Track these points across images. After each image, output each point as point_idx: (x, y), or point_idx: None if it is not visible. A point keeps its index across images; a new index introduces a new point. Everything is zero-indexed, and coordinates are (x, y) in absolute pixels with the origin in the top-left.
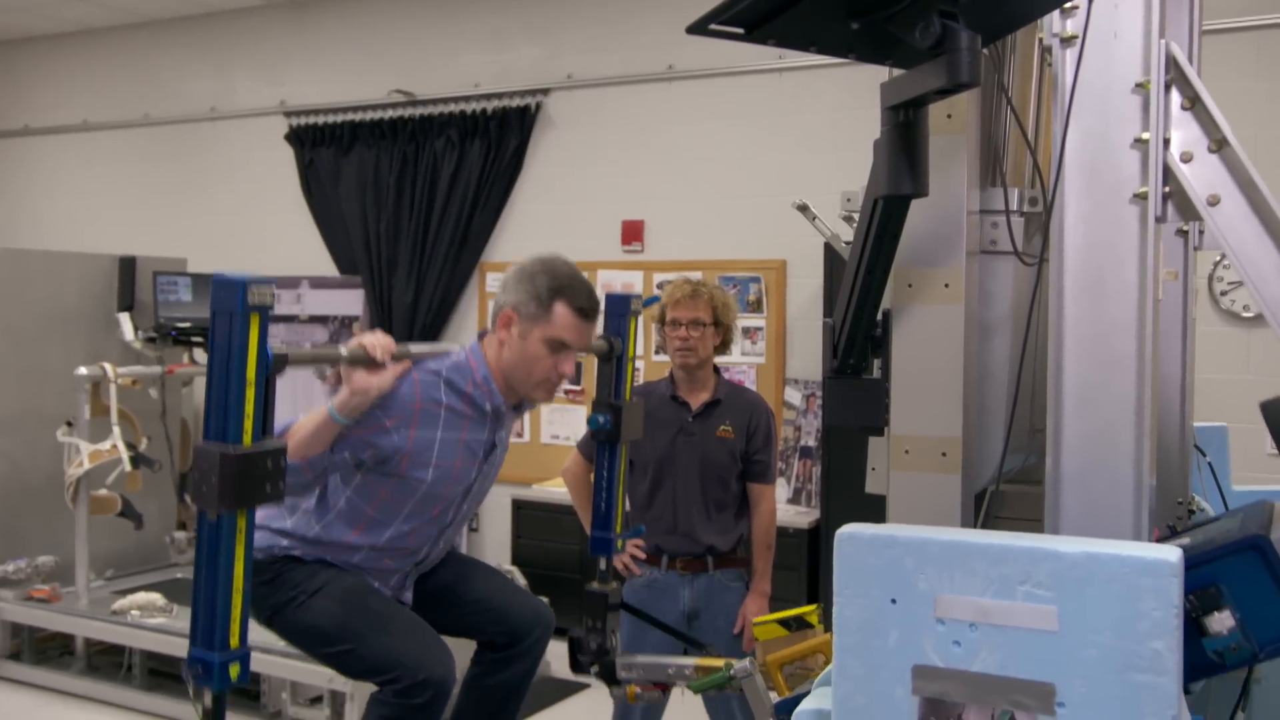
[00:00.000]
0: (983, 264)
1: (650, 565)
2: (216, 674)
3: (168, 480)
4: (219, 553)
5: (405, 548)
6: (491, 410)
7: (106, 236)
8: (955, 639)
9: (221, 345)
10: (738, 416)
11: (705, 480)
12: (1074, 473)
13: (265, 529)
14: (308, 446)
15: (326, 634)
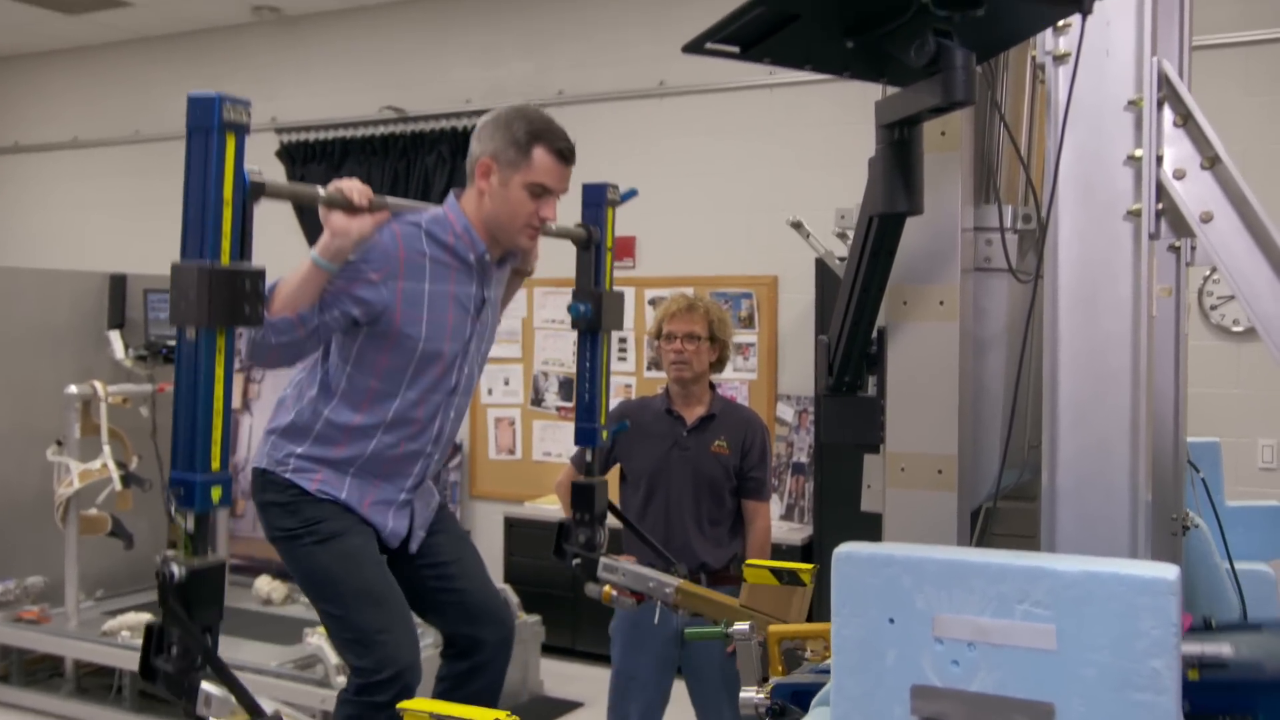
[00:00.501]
0: (977, 281)
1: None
2: (198, 494)
3: (158, 499)
4: (198, 372)
5: (414, 421)
6: (476, 262)
7: (97, 253)
8: (954, 658)
9: (197, 163)
10: (732, 432)
11: (699, 495)
12: (1070, 488)
13: (276, 433)
14: (296, 298)
15: (319, 587)
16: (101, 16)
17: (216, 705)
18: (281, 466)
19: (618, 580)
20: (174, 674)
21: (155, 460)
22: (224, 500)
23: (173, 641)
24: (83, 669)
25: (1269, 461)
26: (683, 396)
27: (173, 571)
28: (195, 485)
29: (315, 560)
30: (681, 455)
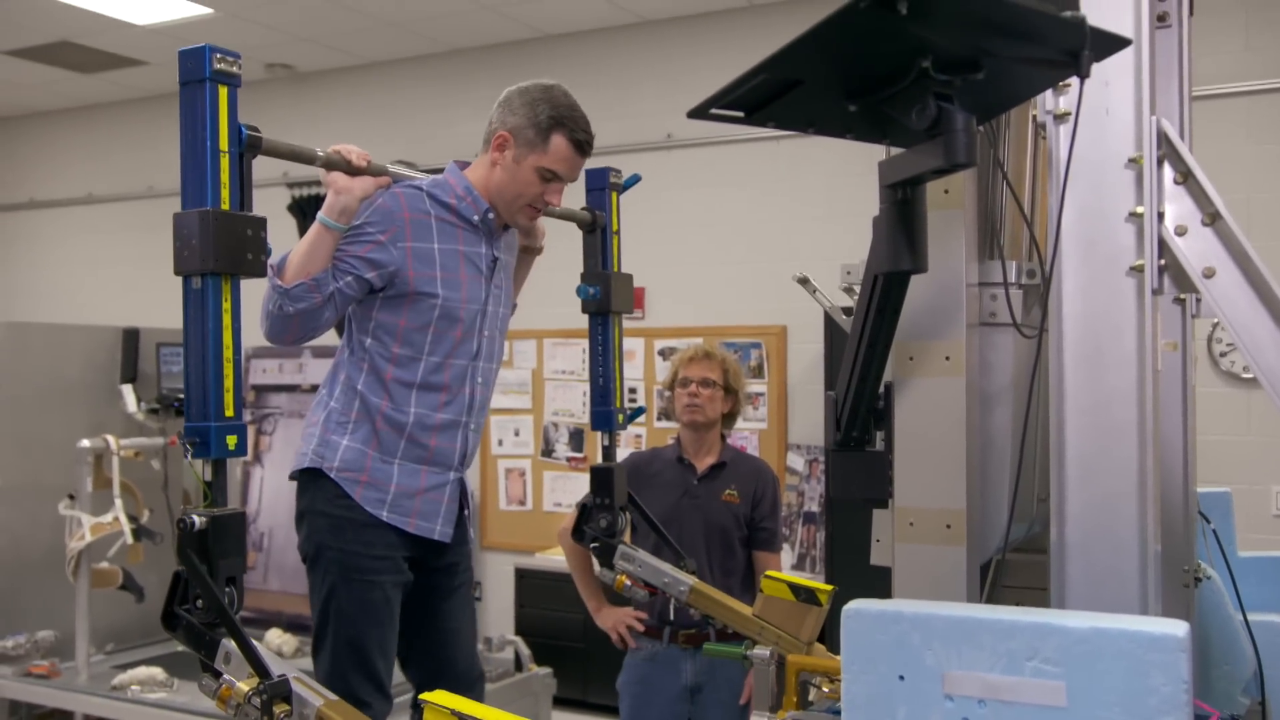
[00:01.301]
0: (982, 336)
1: (651, 639)
2: (214, 441)
3: (169, 552)
4: (206, 321)
5: (443, 386)
6: (481, 222)
7: (110, 308)
8: (964, 715)
9: (190, 115)
10: (743, 482)
11: (710, 544)
12: (1078, 542)
13: (317, 426)
14: (308, 262)
15: (324, 623)
16: (115, 75)
17: (236, 663)
18: (327, 464)
19: (633, 570)
20: (196, 627)
21: (167, 513)
22: (239, 448)
23: (198, 594)
24: None
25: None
26: (694, 444)
27: (192, 520)
28: (210, 431)
29: (336, 595)
30: (692, 503)
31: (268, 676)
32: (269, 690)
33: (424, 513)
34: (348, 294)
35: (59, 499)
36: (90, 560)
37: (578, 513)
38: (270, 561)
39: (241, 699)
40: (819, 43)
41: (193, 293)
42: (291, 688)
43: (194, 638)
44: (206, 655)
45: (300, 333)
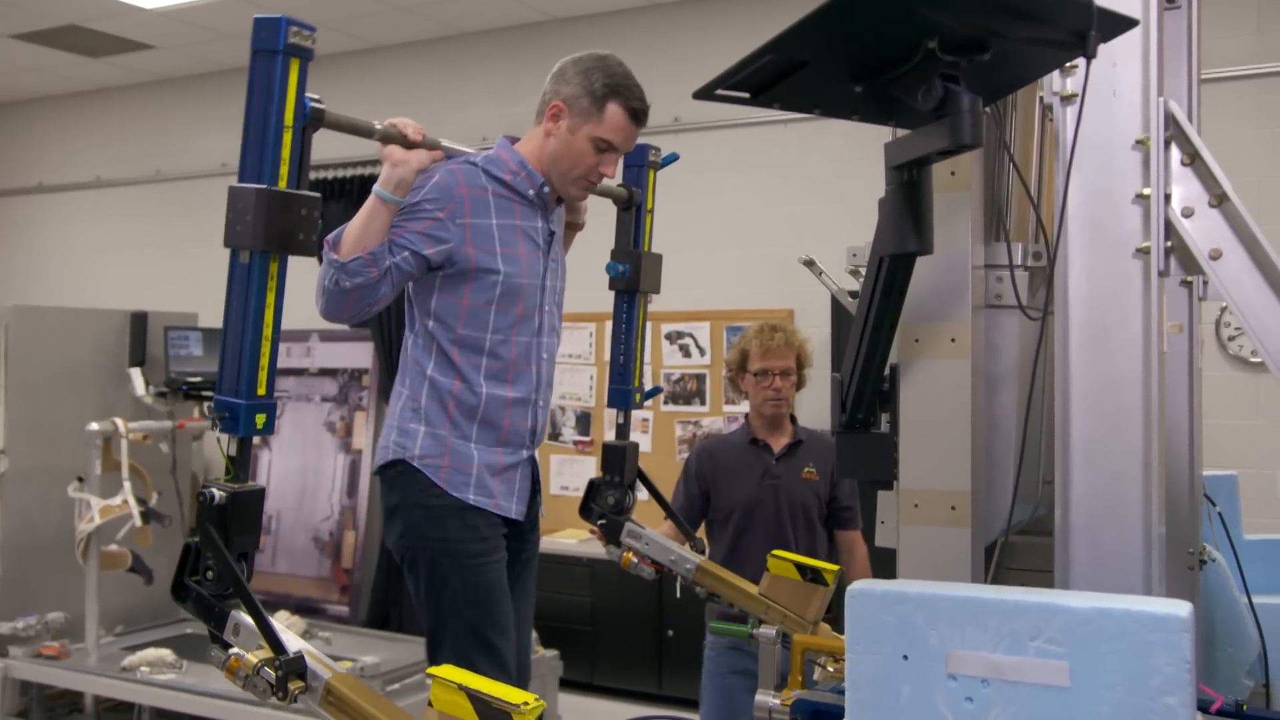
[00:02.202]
0: (988, 318)
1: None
2: (243, 419)
3: (178, 535)
4: (249, 298)
5: (508, 361)
6: (536, 196)
7: (118, 292)
8: (968, 695)
9: (261, 85)
10: (821, 459)
11: (795, 525)
12: (1083, 525)
13: (396, 417)
14: (364, 236)
15: (441, 615)
16: (123, 59)
17: (245, 635)
18: (409, 453)
19: (640, 548)
20: (206, 598)
21: (175, 496)
22: (267, 426)
23: (208, 565)
24: (102, 704)
25: None
26: (766, 427)
27: (212, 494)
28: (240, 409)
29: (449, 586)
30: (773, 485)
31: (283, 652)
32: (285, 667)
33: (504, 492)
34: (405, 269)
35: (69, 482)
36: (99, 543)
37: (585, 489)
38: (278, 544)
39: (251, 670)
40: (825, 24)
41: (239, 267)
42: (306, 663)
43: (203, 609)
44: (216, 626)
45: (356, 308)
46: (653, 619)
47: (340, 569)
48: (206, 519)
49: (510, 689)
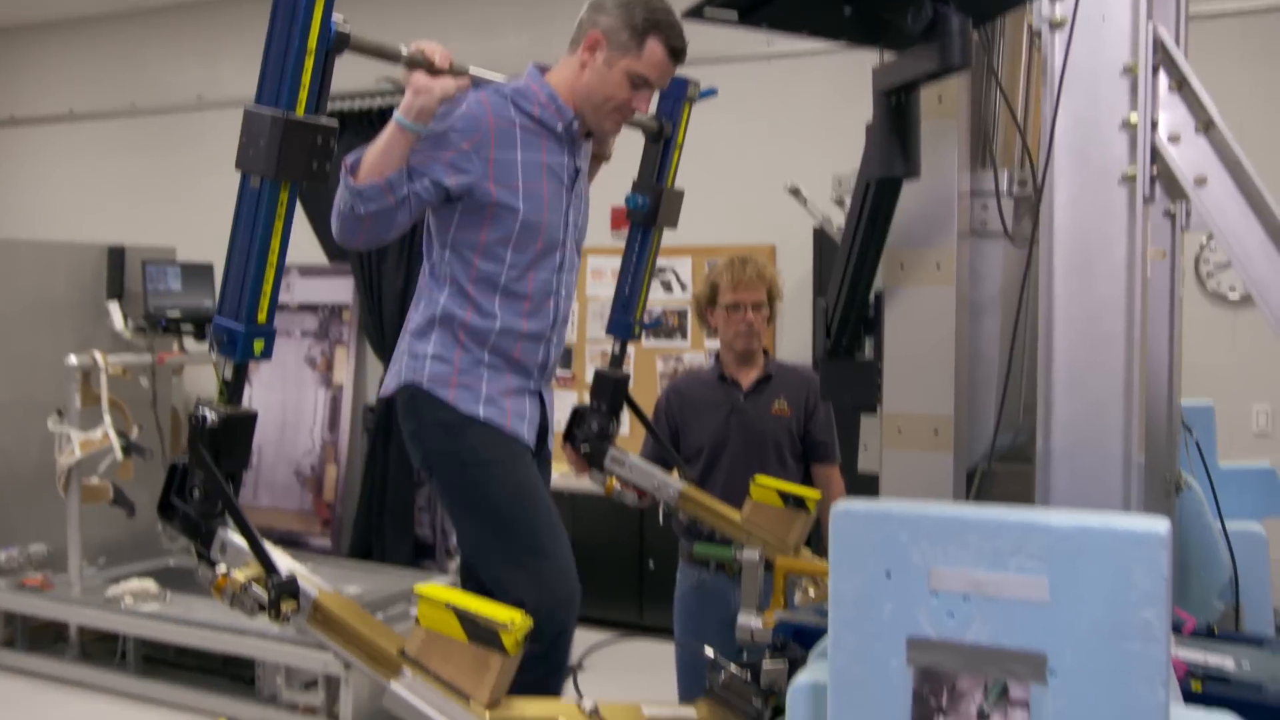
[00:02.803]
0: (973, 246)
1: (698, 567)
2: (241, 345)
3: (159, 469)
4: (257, 223)
5: (525, 296)
6: (564, 130)
7: (94, 226)
8: (949, 610)
9: (285, 5)
10: (792, 393)
11: (763, 462)
12: (1064, 450)
13: (406, 341)
14: (382, 162)
15: (481, 520)
16: None
17: (231, 553)
18: (418, 376)
19: (624, 474)
20: (193, 517)
21: (156, 430)
22: (265, 353)
23: (195, 485)
24: (87, 635)
25: (1263, 427)
26: (737, 362)
27: (205, 416)
28: (239, 335)
29: (484, 491)
30: (740, 421)
31: (275, 573)
32: (278, 588)
33: (515, 412)
34: (424, 198)
35: (47, 415)
36: (81, 476)
37: (570, 416)
38: (260, 478)
39: (238, 588)
40: None
41: (249, 191)
42: (299, 585)
43: (190, 527)
44: (202, 545)
45: (372, 235)
46: (633, 551)
47: (322, 503)
48: (198, 440)
49: (499, 606)
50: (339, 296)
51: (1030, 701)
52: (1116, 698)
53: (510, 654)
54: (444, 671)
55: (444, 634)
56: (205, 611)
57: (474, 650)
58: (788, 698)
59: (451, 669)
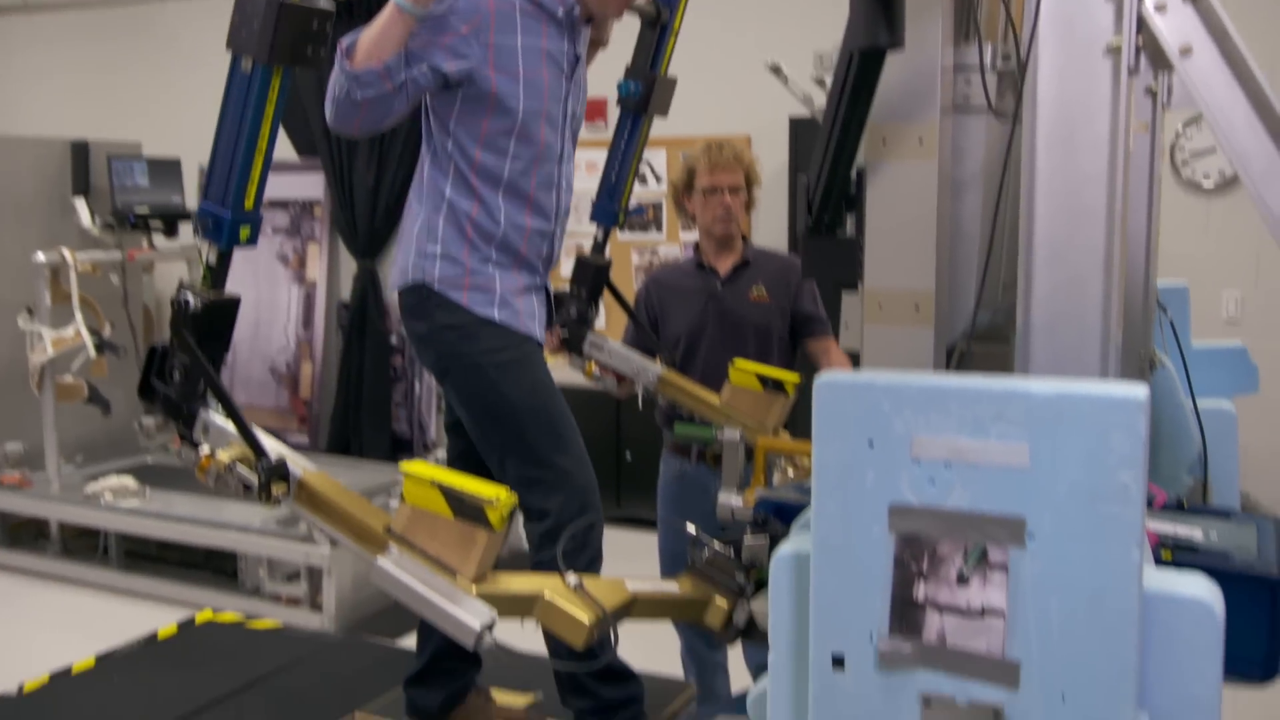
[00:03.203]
0: (956, 121)
1: (679, 457)
2: (226, 231)
3: (133, 367)
4: (247, 107)
5: (527, 192)
6: (565, 16)
7: (56, 120)
8: (930, 477)
9: None
10: (772, 279)
11: (742, 349)
12: (1043, 324)
13: (411, 237)
14: (379, 46)
15: (501, 421)
16: None
17: (214, 434)
18: (429, 276)
19: (603, 359)
20: (174, 398)
21: (128, 328)
22: (251, 240)
23: (175, 367)
24: (68, 531)
25: (1233, 314)
26: (715, 250)
27: (188, 300)
28: (225, 222)
29: (500, 391)
30: (718, 308)
31: (264, 456)
32: (268, 471)
33: (526, 311)
34: (421, 84)
35: (16, 313)
36: (55, 374)
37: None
38: (235, 376)
39: (222, 468)
40: None
41: (239, 74)
42: (289, 468)
43: (171, 409)
44: (184, 426)
45: (367, 122)
46: (610, 442)
47: (298, 400)
48: (182, 324)
49: (482, 483)
50: (310, 192)
51: (1009, 564)
52: (1093, 559)
53: (496, 530)
54: (430, 547)
55: (430, 511)
56: (186, 507)
57: (460, 526)
58: (770, 568)
59: (438, 545)
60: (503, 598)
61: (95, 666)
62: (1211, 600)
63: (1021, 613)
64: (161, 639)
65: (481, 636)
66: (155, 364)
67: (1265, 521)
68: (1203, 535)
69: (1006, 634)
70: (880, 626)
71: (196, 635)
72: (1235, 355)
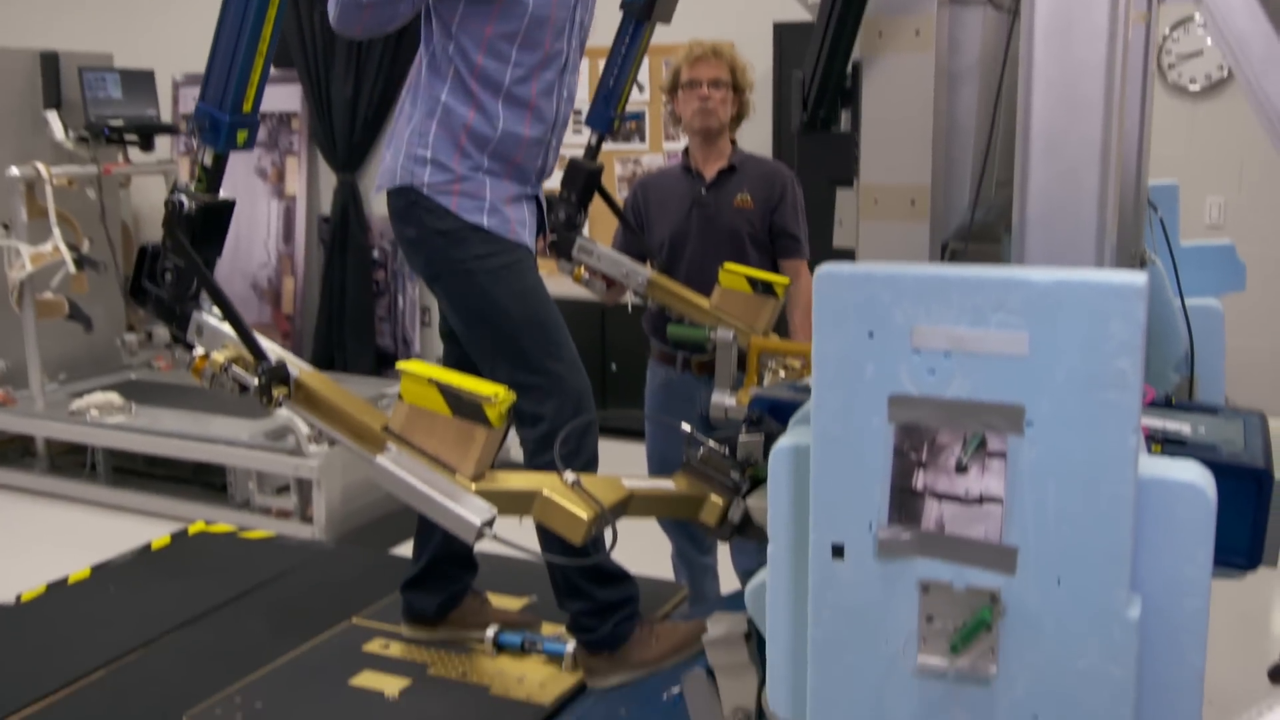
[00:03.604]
0: (952, 14)
1: (665, 365)
2: (224, 134)
3: (114, 283)
4: (248, 9)
5: (528, 101)
6: None
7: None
8: (930, 368)
9: None
10: (757, 185)
11: (723, 255)
12: (1039, 217)
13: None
14: None
15: (494, 326)
16: None
17: (208, 335)
18: (418, 180)
19: (592, 262)
20: (166, 300)
21: (107, 244)
22: (248, 144)
23: (167, 268)
24: (55, 448)
25: (1216, 219)
26: (703, 152)
27: (182, 202)
28: (223, 125)
29: (490, 297)
30: (701, 213)
31: (265, 359)
32: (268, 374)
33: (517, 218)
34: None
35: None
36: (34, 290)
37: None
38: None
39: (218, 368)
40: None
41: None
42: (289, 370)
43: (164, 310)
44: (178, 328)
45: (371, 25)
46: (596, 353)
47: (281, 315)
48: (176, 225)
49: (480, 381)
50: (287, 104)
51: (1007, 452)
52: (1090, 445)
53: (495, 426)
54: (428, 445)
55: (428, 409)
56: (172, 422)
57: (458, 424)
58: (769, 460)
59: (436, 443)
60: (501, 495)
61: (91, 577)
62: (1204, 484)
63: (1019, 499)
64: (155, 550)
65: (481, 532)
66: (145, 265)
67: (1251, 416)
68: (1190, 430)
69: (1004, 520)
70: (880, 516)
71: (190, 545)
72: (1223, 253)
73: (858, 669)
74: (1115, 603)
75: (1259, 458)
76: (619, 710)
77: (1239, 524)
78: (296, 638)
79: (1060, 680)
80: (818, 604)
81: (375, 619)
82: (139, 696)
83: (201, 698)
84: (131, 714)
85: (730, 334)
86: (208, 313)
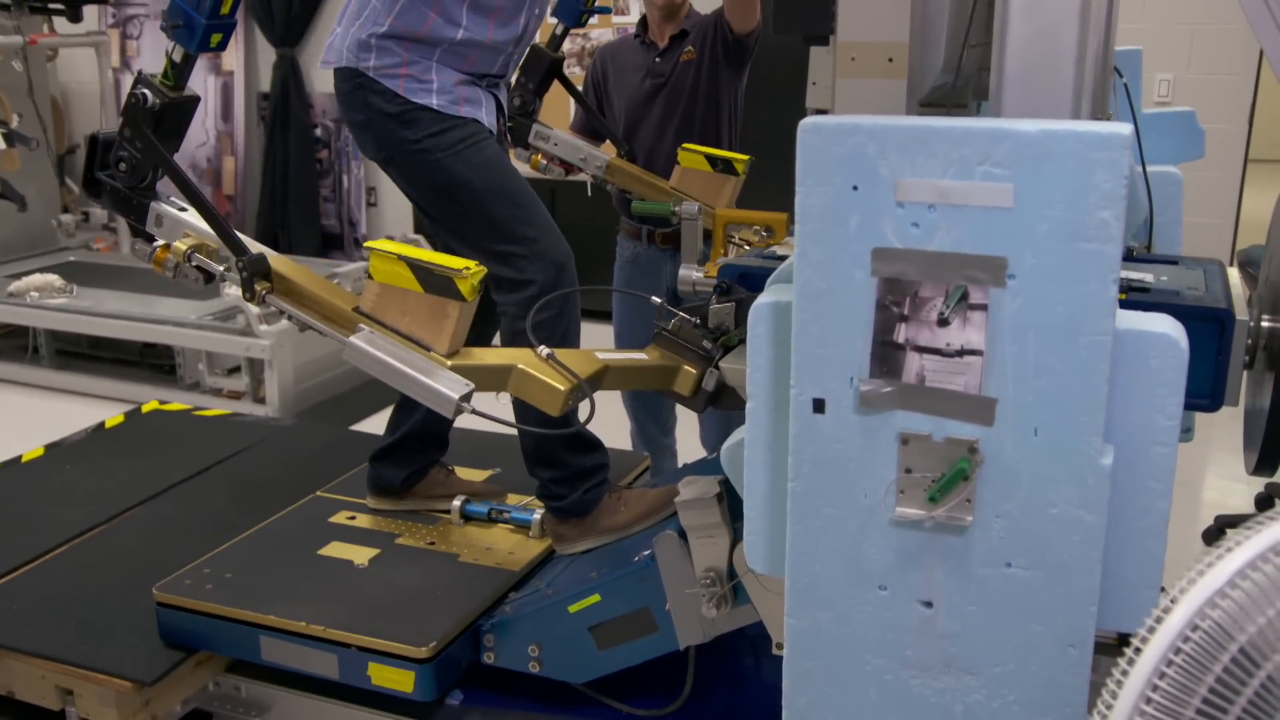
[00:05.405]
0: None
1: (632, 239)
2: (199, 36)
3: (45, 161)
4: None
5: (497, 8)
6: None
7: None
8: (914, 221)
9: None
10: (697, 36)
11: (682, 121)
12: (1017, 74)
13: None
14: None
15: (458, 201)
16: None
17: (168, 225)
18: (364, 63)
19: (549, 149)
20: (123, 190)
21: (36, 119)
22: (220, 46)
23: (121, 157)
24: None
25: (1164, 95)
26: (660, 24)
27: (146, 95)
28: (198, 26)
29: (451, 174)
30: (655, 83)
31: (245, 253)
32: (249, 267)
33: (470, 99)
34: None
35: None
36: None
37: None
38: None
39: (181, 258)
40: None
41: None
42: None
43: (121, 202)
44: (136, 219)
45: None
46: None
47: (222, 195)
48: (140, 118)
49: (450, 256)
50: None
51: (989, 304)
52: (1070, 295)
53: (468, 300)
54: (401, 324)
55: (398, 287)
56: (116, 303)
57: (430, 301)
58: (749, 317)
59: (409, 321)
60: (476, 370)
61: (45, 455)
62: (1177, 336)
63: (999, 351)
64: (110, 428)
65: (460, 406)
66: (98, 156)
67: (1211, 264)
68: (1154, 278)
69: (984, 372)
70: (861, 369)
71: (145, 424)
72: (1184, 119)
73: (836, 521)
74: (1090, 451)
75: (1221, 300)
76: (589, 574)
77: (1203, 366)
78: (261, 512)
79: (1034, 527)
80: (798, 458)
81: (339, 493)
82: (106, 570)
83: (169, 570)
84: (100, 587)
85: (695, 206)
86: (165, 202)
